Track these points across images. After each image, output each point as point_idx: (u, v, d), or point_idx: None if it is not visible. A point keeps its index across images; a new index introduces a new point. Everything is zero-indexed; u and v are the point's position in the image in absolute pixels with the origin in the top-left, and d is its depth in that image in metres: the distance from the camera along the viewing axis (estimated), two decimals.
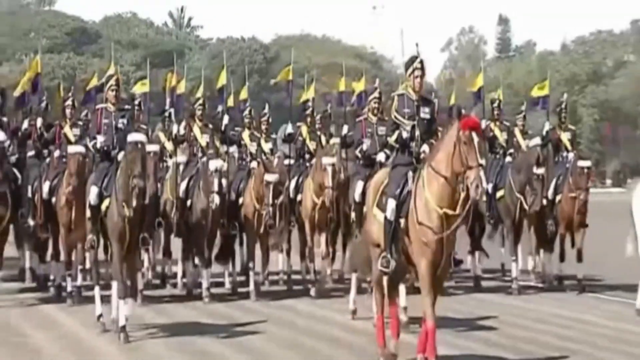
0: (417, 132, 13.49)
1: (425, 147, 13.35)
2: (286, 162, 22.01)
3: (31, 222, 20.43)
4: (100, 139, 16.60)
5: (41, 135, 21.22)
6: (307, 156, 22.22)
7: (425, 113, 13.67)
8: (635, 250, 18.58)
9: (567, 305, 19.90)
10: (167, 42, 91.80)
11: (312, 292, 20.67)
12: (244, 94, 24.44)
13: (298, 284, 22.08)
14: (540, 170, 21.06)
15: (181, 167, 20.99)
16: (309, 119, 22.49)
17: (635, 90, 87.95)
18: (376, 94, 18.54)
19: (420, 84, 13.74)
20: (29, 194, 20.51)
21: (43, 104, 22.14)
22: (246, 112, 22.49)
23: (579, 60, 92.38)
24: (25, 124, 21.76)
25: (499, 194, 21.93)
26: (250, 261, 20.82)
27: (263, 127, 22.06)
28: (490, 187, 21.57)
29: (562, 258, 22.06)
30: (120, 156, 16.13)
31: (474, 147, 12.27)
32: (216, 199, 19.60)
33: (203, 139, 21.28)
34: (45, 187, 20.20)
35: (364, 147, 18.08)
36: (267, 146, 21.77)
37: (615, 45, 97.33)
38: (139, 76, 51.09)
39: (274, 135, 22.68)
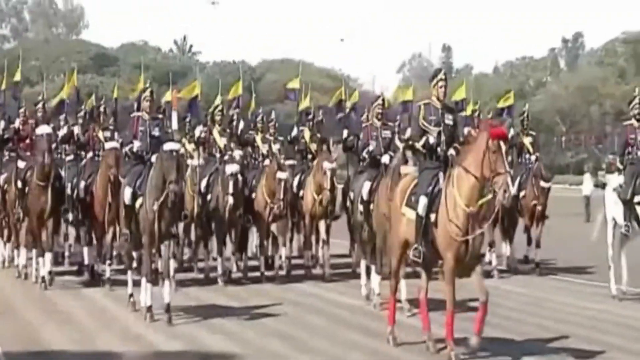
0: (443, 137, 12.40)
1: (452, 151, 12.29)
2: (289, 162, 20.49)
3: (70, 217, 19.19)
4: (136, 144, 15.46)
5: (78, 140, 20.09)
6: (309, 156, 20.98)
7: (449, 120, 12.59)
8: (599, 234, 17.44)
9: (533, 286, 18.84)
10: (172, 65, 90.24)
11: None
12: (252, 104, 22.93)
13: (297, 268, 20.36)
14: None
15: (198, 169, 19.43)
16: (311, 124, 21.26)
17: (551, 106, 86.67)
18: (380, 101, 16.99)
19: (445, 94, 12.66)
20: (69, 191, 19.11)
21: (82, 113, 20.99)
22: (259, 117, 20.99)
23: (508, 80, 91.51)
24: (65, 130, 20.67)
25: None
26: (262, 248, 19.55)
27: (271, 130, 20.68)
28: None
29: (529, 243, 20.91)
30: (153, 159, 14.87)
31: (501, 155, 11.37)
32: (230, 200, 18.36)
33: (221, 141, 19.90)
34: (81, 185, 18.87)
35: (371, 148, 16.65)
36: (275, 147, 20.36)
37: (536, 68, 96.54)
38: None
39: (280, 138, 21.13)
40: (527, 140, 21.38)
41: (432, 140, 12.31)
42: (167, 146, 14.40)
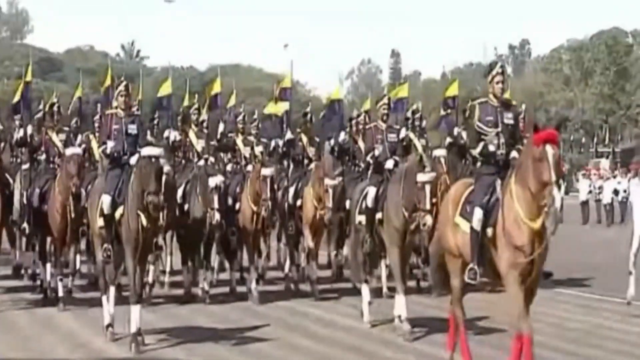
0: (502, 140, 10.72)
1: (514, 153, 10.59)
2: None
3: (25, 227, 16.77)
4: (110, 144, 13.16)
5: (32, 142, 17.42)
6: (305, 161, 18.44)
7: (508, 119, 10.84)
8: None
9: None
10: (119, 69, 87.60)
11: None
12: (232, 101, 20.51)
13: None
14: None
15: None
16: (308, 126, 18.92)
17: None
18: (385, 100, 14.90)
19: (502, 90, 10.89)
20: (24, 200, 16.87)
21: (40, 114, 18.61)
22: (240, 117, 18.69)
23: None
24: (21, 133, 18.09)
25: None
26: (251, 264, 17.09)
27: (253, 132, 18.69)
28: None
29: None
30: (132, 161, 12.74)
31: (547, 162, 9.51)
32: (216, 215, 15.91)
33: (199, 144, 17.70)
34: (36, 193, 16.44)
35: (376, 152, 14.54)
36: (258, 149, 18.22)
37: (483, 75, 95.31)
38: (94, 99, 47.45)
39: (264, 140, 18.94)
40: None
41: (492, 147, 10.65)
42: (146, 151, 12.41)
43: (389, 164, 14.24)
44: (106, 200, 12.76)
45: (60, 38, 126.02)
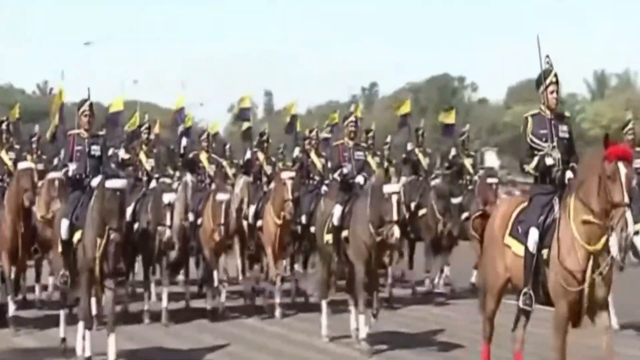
0: (558, 155, 8.57)
1: (569, 174, 8.51)
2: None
3: None
4: (72, 167, 10.99)
5: None
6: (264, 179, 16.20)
7: (563, 132, 8.73)
8: None
9: None
10: (35, 105, 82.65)
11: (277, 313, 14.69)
12: (189, 122, 17.48)
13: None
14: (457, 200, 16.28)
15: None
16: (265, 146, 16.38)
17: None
18: (352, 118, 12.95)
19: (557, 101, 8.77)
20: None
21: None
22: (204, 135, 16.04)
23: (320, 120, 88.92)
24: None
25: (421, 212, 16.48)
26: (208, 282, 14.76)
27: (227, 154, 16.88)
28: (412, 205, 16.37)
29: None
30: (94, 183, 10.47)
31: (620, 181, 7.49)
32: (168, 232, 13.49)
33: (148, 164, 15.14)
34: None
35: (345, 170, 12.54)
36: (230, 171, 16.03)
37: (342, 111, 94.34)
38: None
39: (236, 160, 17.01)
40: (467, 162, 17.58)
41: (550, 161, 8.56)
42: (111, 183, 10.15)
43: (359, 179, 12.43)
44: (64, 225, 10.73)
45: None
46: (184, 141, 15.96)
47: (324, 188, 15.28)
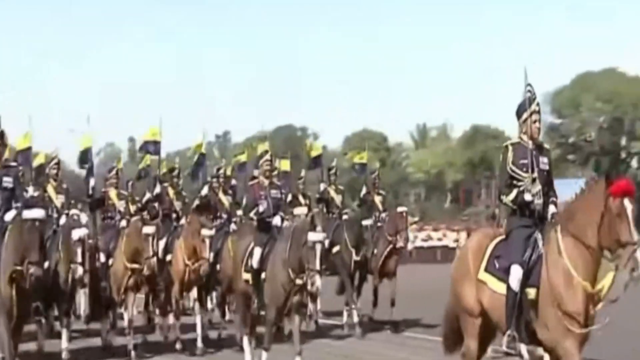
0: (538, 187, 8.13)
1: (552, 208, 8.14)
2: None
3: None
4: None
5: None
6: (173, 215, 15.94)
7: (544, 164, 8.33)
8: None
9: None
10: None
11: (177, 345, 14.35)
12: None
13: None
14: (368, 222, 16.61)
15: None
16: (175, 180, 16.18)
17: None
18: (267, 157, 12.71)
19: (539, 130, 8.34)
20: None
21: None
22: (112, 172, 15.80)
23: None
24: None
25: (335, 249, 16.63)
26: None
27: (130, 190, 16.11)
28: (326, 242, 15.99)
29: (376, 303, 16.92)
30: (7, 217, 9.89)
31: (627, 219, 7.16)
32: (79, 270, 12.88)
33: (58, 200, 14.38)
34: None
35: (261, 208, 12.34)
36: (132, 208, 15.11)
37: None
38: None
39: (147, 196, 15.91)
40: (377, 199, 17.68)
41: (528, 197, 8.09)
42: (29, 214, 9.69)
43: (276, 220, 12.24)
44: None
45: None
46: (91, 181, 14.96)
47: (232, 226, 15.15)
